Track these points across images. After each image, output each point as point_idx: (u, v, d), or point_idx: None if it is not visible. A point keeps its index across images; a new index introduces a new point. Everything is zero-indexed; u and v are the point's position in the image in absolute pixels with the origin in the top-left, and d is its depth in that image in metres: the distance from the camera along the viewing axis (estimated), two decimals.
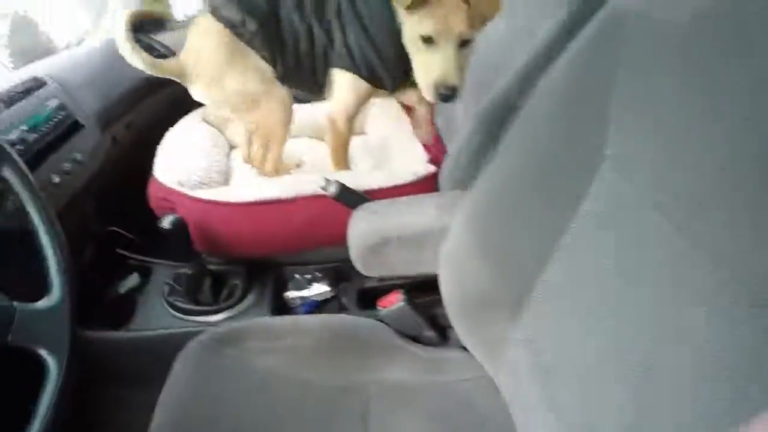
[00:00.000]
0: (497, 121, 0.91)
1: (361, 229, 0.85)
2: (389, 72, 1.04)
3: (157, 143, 1.33)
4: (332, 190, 0.96)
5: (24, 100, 1.02)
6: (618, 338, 0.44)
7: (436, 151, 1.20)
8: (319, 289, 1.10)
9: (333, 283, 1.11)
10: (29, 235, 0.66)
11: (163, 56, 1.59)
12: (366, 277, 1.04)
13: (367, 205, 0.92)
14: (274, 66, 1.07)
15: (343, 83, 1.08)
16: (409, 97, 1.25)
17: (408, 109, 1.38)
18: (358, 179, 1.04)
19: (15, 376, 0.66)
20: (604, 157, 0.49)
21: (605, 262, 0.47)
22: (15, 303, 0.60)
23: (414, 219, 0.84)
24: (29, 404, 0.58)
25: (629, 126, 0.48)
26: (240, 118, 1.18)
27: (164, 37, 1.65)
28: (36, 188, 0.66)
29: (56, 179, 1.00)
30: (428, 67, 0.94)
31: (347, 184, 0.98)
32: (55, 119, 1.05)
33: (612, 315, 0.45)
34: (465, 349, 0.74)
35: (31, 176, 0.67)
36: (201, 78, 1.10)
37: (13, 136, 0.92)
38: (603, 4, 0.86)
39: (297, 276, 1.12)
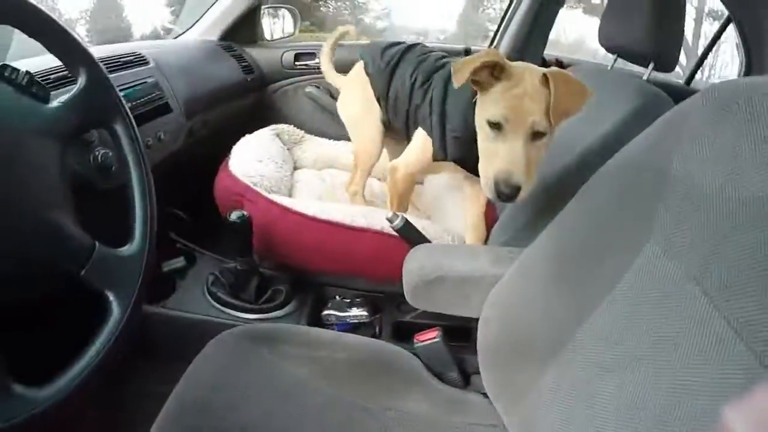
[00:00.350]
0: (557, 192, 0.97)
1: (420, 263, 0.88)
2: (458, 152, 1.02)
3: (227, 145, 1.42)
4: (397, 223, 1.00)
5: (127, 71, 1.09)
6: (638, 396, 0.46)
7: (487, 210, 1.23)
8: (357, 313, 1.13)
9: (370, 311, 1.14)
10: (122, 188, 0.70)
11: (249, 66, 1.74)
12: (401, 312, 1.08)
13: (426, 245, 0.97)
14: (380, 104, 1.23)
15: (417, 140, 1.12)
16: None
17: None
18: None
19: (77, 305, 0.69)
20: (650, 236, 0.52)
21: (639, 328, 0.49)
22: (97, 243, 0.62)
23: (470, 265, 0.87)
24: (84, 337, 0.60)
25: (678, 211, 0.50)
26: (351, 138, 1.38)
27: (253, 51, 1.84)
28: (141, 146, 0.70)
29: None
30: (492, 158, 0.84)
31: None
32: (150, 95, 1.12)
33: (634, 374, 0.48)
34: (485, 396, 0.76)
35: (138, 134, 0.71)
36: (340, 94, 1.43)
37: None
38: (667, 106, 0.96)
39: (337, 297, 1.17)
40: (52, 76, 0.83)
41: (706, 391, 0.41)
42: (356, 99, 1.32)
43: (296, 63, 1.88)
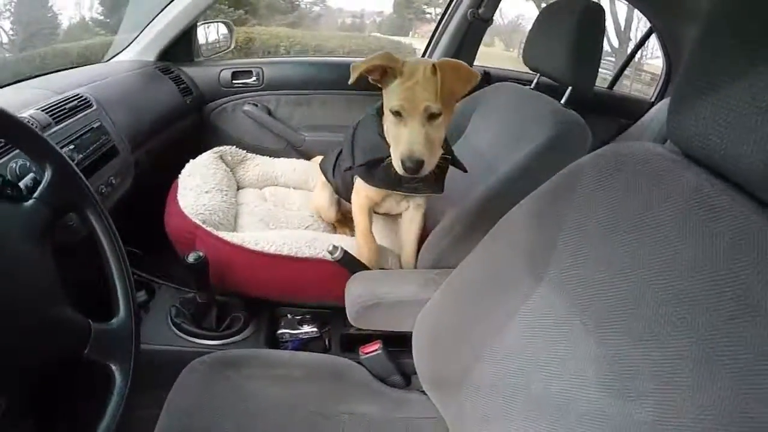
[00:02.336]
0: (477, 216, 1.09)
1: (359, 290, 1.03)
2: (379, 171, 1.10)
3: (172, 172, 1.48)
4: (337, 255, 1.12)
5: (72, 119, 1.13)
6: (541, 393, 0.58)
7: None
8: (308, 330, 1.26)
9: (319, 326, 1.27)
10: (101, 264, 0.76)
11: (187, 88, 1.80)
12: (346, 325, 1.21)
13: (363, 273, 1.12)
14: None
15: (354, 186, 1.23)
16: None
17: None
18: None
19: (81, 383, 0.76)
20: (546, 274, 0.64)
21: (536, 345, 0.62)
22: (91, 321, 0.68)
23: (402, 290, 1.01)
24: (89, 408, 0.67)
25: (570, 251, 0.62)
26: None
27: (190, 70, 1.88)
28: (109, 221, 0.77)
29: None
30: (398, 141, 0.97)
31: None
32: (97, 142, 1.17)
33: (537, 376, 0.59)
34: (424, 393, 0.89)
35: (110, 220, 0.77)
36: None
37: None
38: (580, 136, 1.11)
39: (289, 316, 1.29)
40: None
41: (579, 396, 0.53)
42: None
43: (234, 81, 1.94)
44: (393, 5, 12.03)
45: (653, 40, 2.35)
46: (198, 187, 1.39)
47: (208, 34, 2.01)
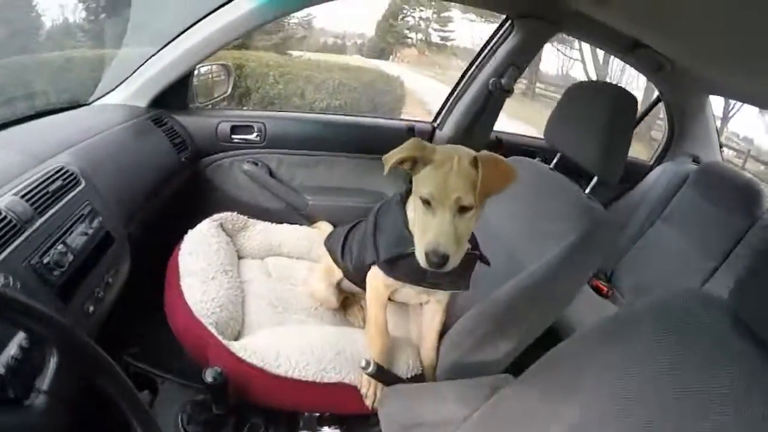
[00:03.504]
0: (504, 320, 1.04)
1: (395, 407, 0.97)
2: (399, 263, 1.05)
3: (169, 242, 1.35)
4: (371, 369, 1.03)
5: (58, 204, 0.96)
6: None
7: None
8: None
9: (340, 426, 1.16)
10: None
11: (183, 142, 1.63)
12: (369, 425, 1.14)
13: (399, 387, 1.04)
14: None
15: (370, 273, 1.16)
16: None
17: None
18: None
19: None
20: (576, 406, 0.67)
21: None
22: None
23: (439, 408, 0.93)
24: None
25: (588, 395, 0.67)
26: None
27: (185, 120, 1.71)
28: (129, 385, 0.63)
29: (90, 308, 0.96)
30: (424, 231, 0.92)
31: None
32: (89, 233, 1.00)
33: None
34: None
35: (124, 377, 0.63)
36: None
37: (51, 258, 0.86)
38: (609, 232, 1.06)
39: (306, 414, 1.17)
40: None
41: None
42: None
43: (233, 136, 1.79)
44: (375, 28, 12.09)
45: None
46: (202, 272, 1.26)
47: (205, 77, 1.84)
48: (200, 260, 1.30)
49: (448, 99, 2.03)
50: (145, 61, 1.56)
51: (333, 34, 11.64)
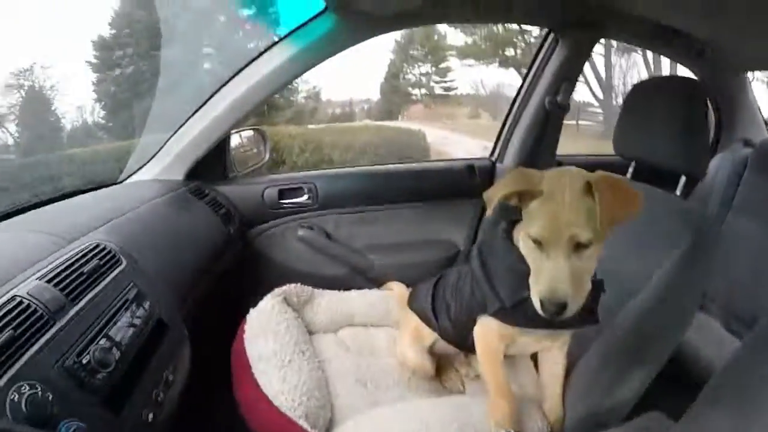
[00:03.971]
0: (634, 351, 0.93)
1: None
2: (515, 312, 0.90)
3: (224, 327, 1.19)
4: None
5: (96, 288, 0.78)
6: None
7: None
8: None
9: None
10: None
11: (228, 213, 1.46)
12: None
13: None
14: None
15: (478, 326, 1.01)
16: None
17: None
18: None
19: None
20: None
21: None
22: None
23: None
24: None
25: None
26: None
27: (227, 190, 1.57)
28: None
29: (150, 416, 0.77)
30: (537, 275, 0.79)
31: None
32: (138, 322, 0.81)
33: None
34: None
35: None
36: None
37: (91, 357, 0.68)
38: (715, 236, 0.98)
39: None
40: None
41: None
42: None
43: (281, 201, 1.62)
44: (379, 91, 12.36)
45: None
46: (276, 356, 1.08)
47: (241, 144, 1.70)
48: (270, 342, 1.12)
49: (501, 130, 1.88)
50: (174, 133, 1.45)
51: (340, 103, 11.87)
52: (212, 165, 1.53)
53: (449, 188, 1.75)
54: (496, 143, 1.89)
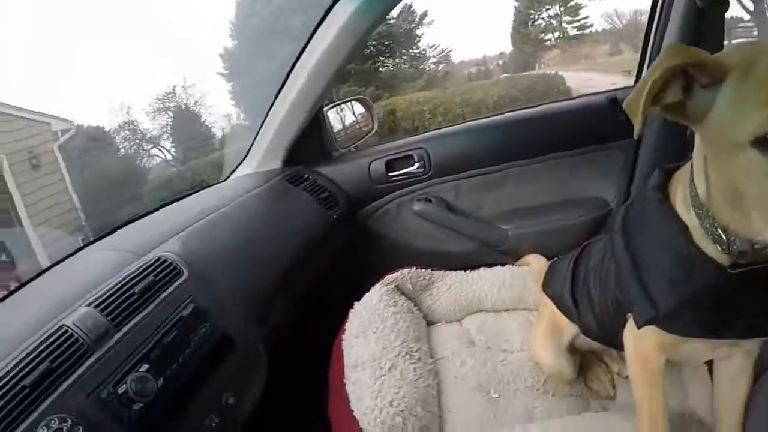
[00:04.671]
0: None
1: None
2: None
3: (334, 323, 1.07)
4: None
5: (147, 308, 0.73)
6: None
7: None
8: None
9: None
10: None
11: (331, 196, 1.34)
12: None
13: None
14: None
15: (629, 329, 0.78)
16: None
17: None
18: None
19: None
20: None
21: None
22: None
23: None
24: None
25: None
26: None
27: (328, 170, 1.44)
28: None
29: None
30: None
31: None
32: (191, 344, 0.73)
33: None
34: None
35: None
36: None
37: (128, 387, 0.63)
38: None
39: None
40: None
41: None
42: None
43: (390, 173, 1.43)
44: (511, 42, 11.69)
45: None
46: (375, 362, 0.93)
47: (343, 118, 1.57)
48: (371, 344, 0.97)
49: (645, 48, 1.41)
50: (264, 120, 1.34)
51: (474, 62, 11.51)
52: (311, 146, 1.40)
53: (589, 131, 1.37)
54: (639, 69, 1.44)
